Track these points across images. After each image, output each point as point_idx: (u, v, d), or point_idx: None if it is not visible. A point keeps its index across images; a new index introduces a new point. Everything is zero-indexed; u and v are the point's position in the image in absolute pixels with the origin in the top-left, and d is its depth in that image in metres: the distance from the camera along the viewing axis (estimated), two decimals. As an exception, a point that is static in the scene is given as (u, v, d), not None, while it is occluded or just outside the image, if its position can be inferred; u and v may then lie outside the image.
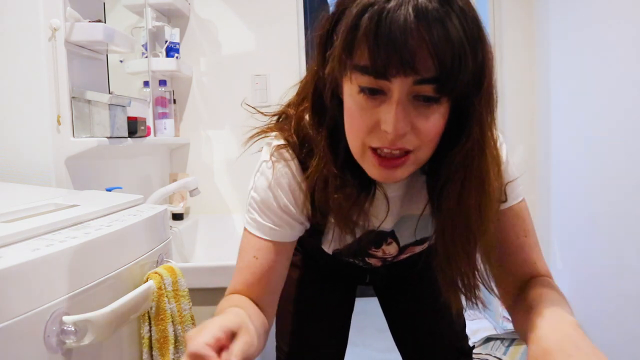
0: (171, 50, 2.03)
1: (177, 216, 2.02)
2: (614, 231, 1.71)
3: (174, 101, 2.14)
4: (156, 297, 0.83)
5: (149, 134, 1.76)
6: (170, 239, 0.99)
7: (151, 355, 0.84)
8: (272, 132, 0.76)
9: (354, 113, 0.60)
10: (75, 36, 1.31)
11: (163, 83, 2.06)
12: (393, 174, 0.62)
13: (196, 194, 1.80)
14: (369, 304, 1.40)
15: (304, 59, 2.27)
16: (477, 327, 2.14)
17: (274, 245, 0.73)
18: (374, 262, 0.91)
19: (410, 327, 1.08)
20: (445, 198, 0.64)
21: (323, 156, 0.67)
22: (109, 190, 1.39)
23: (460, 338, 1.06)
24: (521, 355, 2.03)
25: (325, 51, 0.64)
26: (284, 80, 2.29)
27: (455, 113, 0.61)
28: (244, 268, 0.73)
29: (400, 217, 0.80)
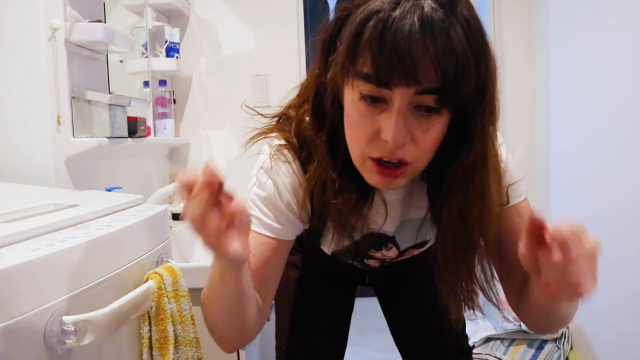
0: (171, 50, 2.03)
1: (177, 216, 2.01)
2: (614, 231, 1.71)
3: (174, 101, 2.13)
4: (156, 297, 0.83)
5: (149, 134, 1.76)
6: (170, 239, 0.99)
7: (151, 355, 0.84)
8: (273, 133, 0.76)
9: (354, 120, 0.60)
10: (75, 36, 1.31)
11: (163, 83, 2.06)
12: (392, 183, 0.62)
13: (196, 194, 1.80)
14: (369, 304, 1.40)
15: (304, 60, 2.27)
16: (477, 327, 2.13)
17: (273, 242, 0.72)
18: (372, 264, 0.91)
19: (410, 327, 1.08)
20: (447, 210, 0.64)
21: (322, 161, 0.67)
22: (109, 190, 1.39)
23: (460, 338, 1.06)
24: (521, 355, 2.02)
25: (328, 56, 0.63)
26: (284, 80, 2.30)
27: (456, 124, 0.60)
28: None
29: (400, 222, 0.80)
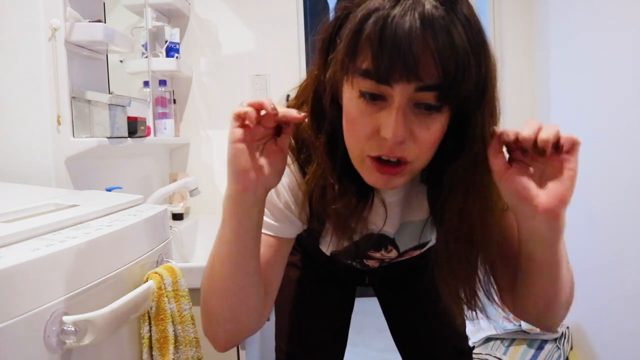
0: (171, 50, 2.03)
1: (177, 216, 2.02)
2: (614, 231, 1.71)
3: (174, 101, 2.13)
4: (156, 297, 0.83)
5: (149, 134, 1.76)
6: (170, 239, 0.99)
7: (151, 355, 0.84)
8: None
9: (354, 118, 0.59)
10: (75, 36, 1.31)
11: (163, 83, 2.06)
12: (391, 181, 0.62)
13: (196, 194, 1.80)
14: (369, 304, 1.40)
15: (304, 60, 2.27)
16: (477, 327, 2.13)
17: (273, 240, 0.72)
18: (371, 264, 0.91)
19: (410, 328, 1.08)
20: (448, 211, 0.64)
21: (321, 162, 0.67)
22: (109, 190, 1.39)
23: (460, 339, 1.06)
24: (521, 355, 2.02)
25: (327, 55, 0.63)
26: (284, 80, 2.30)
27: (456, 124, 0.60)
28: None
29: (400, 224, 0.80)
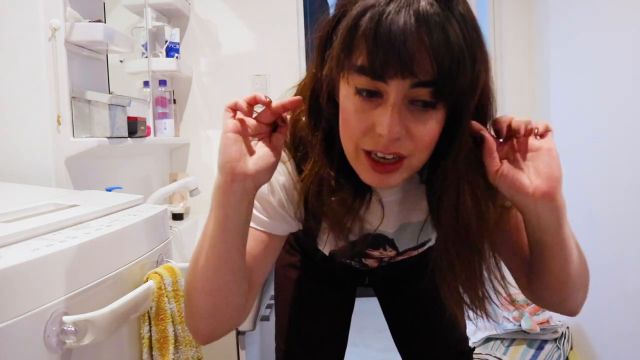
0: (171, 50, 2.03)
1: (177, 216, 2.02)
2: (614, 231, 1.71)
3: (174, 101, 2.13)
4: (156, 297, 0.83)
5: (149, 134, 1.76)
6: (170, 239, 0.99)
7: (151, 355, 0.84)
8: None
9: (349, 115, 0.59)
10: (75, 36, 1.31)
11: (163, 83, 2.06)
12: (387, 180, 0.61)
13: (196, 194, 1.80)
14: (369, 304, 1.40)
15: (304, 59, 2.27)
16: (477, 327, 2.13)
17: (264, 235, 0.72)
18: (370, 263, 0.91)
19: (410, 328, 1.08)
20: (443, 209, 0.64)
21: (318, 160, 0.66)
22: (109, 190, 1.39)
23: (461, 339, 1.06)
24: (521, 355, 2.02)
25: (324, 52, 0.63)
26: (284, 80, 2.30)
27: (453, 124, 0.60)
28: None
29: (400, 225, 0.80)
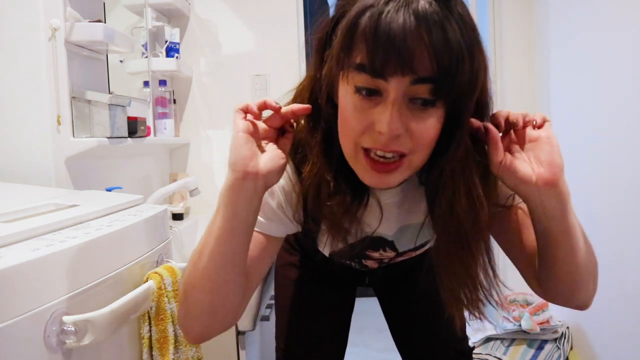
0: (171, 50, 2.03)
1: (177, 216, 2.02)
2: (614, 231, 1.71)
3: (174, 101, 2.13)
4: (156, 297, 0.83)
5: (149, 134, 1.76)
6: (170, 239, 0.99)
7: (151, 355, 0.84)
8: None
9: (349, 113, 0.59)
10: (75, 36, 1.31)
11: (163, 83, 2.06)
12: (386, 179, 0.61)
13: (196, 194, 1.80)
14: (369, 304, 1.40)
15: (304, 59, 2.27)
16: (477, 327, 2.14)
17: (260, 237, 0.72)
18: (370, 264, 0.91)
19: (410, 328, 1.08)
20: (439, 208, 0.63)
21: (316, 162, 0.66)
22: (109, 190, 1.39)
23: (461, 339, 1.06)
24: (521, 355, 2.02)
25: (324, 53, 0.63)
26: (284, 80, 2.30)
27: (451, 122, 0.60)
28: None
29: (400, 227, 0.79)
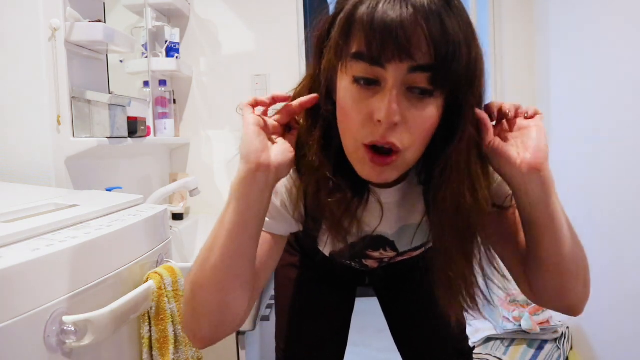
0: (171, 50, 2.03)
1: (177, 216, 2.02)
2: (614, 231, 1.71)
3: (174, 101, 2.13)
4: (156, 297, 0.83)
5: (149, 134, 1.76)
6: (170, 239, 0.99)
7: (151, 355, 0.84)
8: None
9: (347, 105, 0.60)
10: (75, 36, 1.31)
11: (163, 83, 2.06)
12: (383, 172, 0.61)
13: (196, 194, 1.80)
14: (369, 304, 1.40)
15: (304, 59, 2.27)
16: (477, 327, 2.14)
17: (266, 236, 0.72)
18: (370, 264, 0.91)
19: (410, 328, 1.08)
20: (443, 203, 0.63)
21: (315, 159, 0.66)
22: (109, 190, 1.39)
23: (461, 339, 1.06)
24: (521, 355, 2.02)
25: (322, 49, 0.64)
26: (284, 80, 2.30)
27: (450, 115, 0.60)
28: None
29: (400, 227, 0.80)
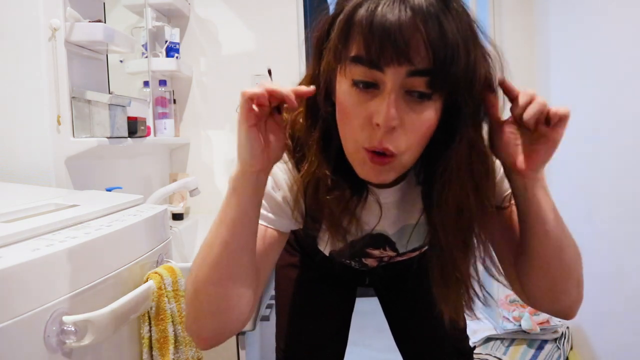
0: (171, 50, 2.03)
1: (177, 216, 2.02)
2: (614, 231, 1.71)
3: (174, 101, 2.13)
4: (156, 297, 0.83)
5: (149, 134, 1.76)
6: (170, 239, 0.99)
7: (151, 355, 0.84)
8: None
9: (346, 108, 0.60)
10: (75, 36, 1.31)
11: (163, 83, 2.06)
12: (381, 172, 0.62)
13: (196, 194, 1.80)
14: (369, 304, 1.40)
15: (304, 59, 2.27)
16: (477, 327, 2.14)
17: (268, 231, 0.72)
18: (370, 263, 0.91)
19: (410, 328, 1.08)
20: (445, 205, 0.63)
21: (314, 160, 0.67)
22: (109, 190, 1.39)
23: (461, 339, 1.06)
24: (521, 355, 2.02)
25: (322, 49, 0.64)
26: (284, 80, 2.29)
27: (448, 119, 0.60)
28: None
29: (400, 227, 0.80)
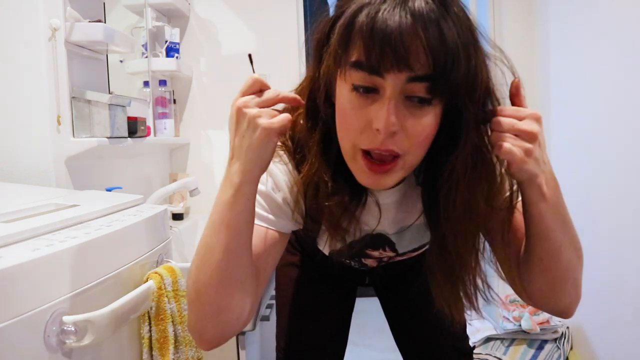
0: (171, 50, 2.03)
1: (177, 216, 2.02)
2: (614, 231, 1.71)
3: (174, 101, 2.13)
4: (156, 297, 0.83)
5: (149, 134, 1.76)
6: (170, 239, 0.99)
7: (151, 355, 0.84)
8: None
9: (346, 112, 0.60)
10: (75, 36, 1.31)
11: (163, 83, 2.06)
12: (382, 180, 0.62)
13: (196, 194, 1.80)
14: (369, 304, 1.40)
15: (304, 59, 2.27)
16: (477, 327, 2.13)
17: (268, 232, 0.72)
18: (370, 263, 0.91)
19: (410, 328, 1.08)
20: (453, 208, 0.62)
21: (314, 162, 0.67)
22: (109, 190, 1.39)
23: (461, 339, 1.06)
24: (521, 355, 2.02)
25: (322, 52, 0.64)
26: (284, 80, 2.28)
27: (449, 121, 0.60)
28: None
29: (400, 228, 0.80)
